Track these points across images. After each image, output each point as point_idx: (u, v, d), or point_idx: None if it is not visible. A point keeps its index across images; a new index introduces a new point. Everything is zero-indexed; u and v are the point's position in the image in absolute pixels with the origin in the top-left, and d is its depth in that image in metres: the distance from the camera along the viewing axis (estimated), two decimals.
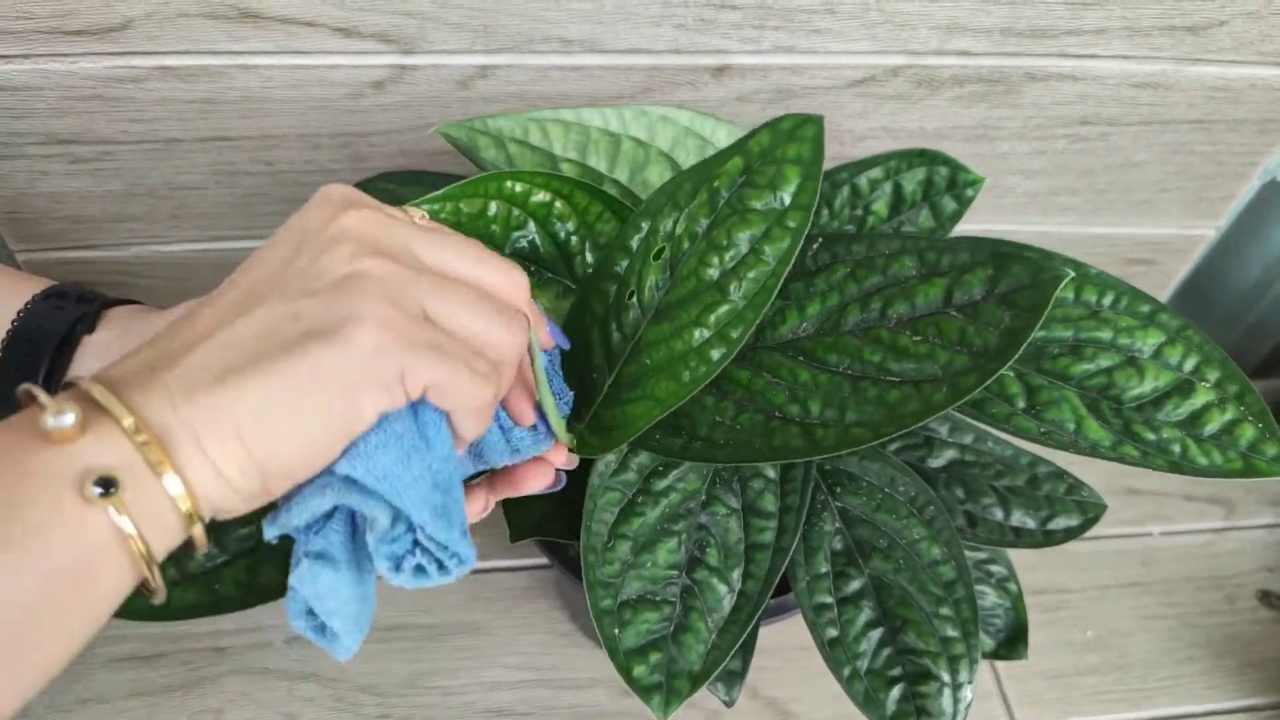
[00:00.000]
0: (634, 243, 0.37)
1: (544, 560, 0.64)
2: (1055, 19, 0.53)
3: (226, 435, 0.24)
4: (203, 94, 0.51)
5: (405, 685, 0.59)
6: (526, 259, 0.43)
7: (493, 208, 0.39)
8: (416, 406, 0.27)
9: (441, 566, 0.28)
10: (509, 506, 0.50)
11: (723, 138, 0.45)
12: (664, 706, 0.36)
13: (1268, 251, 0.75)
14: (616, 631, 0.37)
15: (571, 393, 0.36)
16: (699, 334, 0.34)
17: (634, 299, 0.36)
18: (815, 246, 0.36)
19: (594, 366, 0.36)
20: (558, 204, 0.40)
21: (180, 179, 0.56)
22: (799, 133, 0.35)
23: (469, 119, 0.44)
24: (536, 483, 0.35)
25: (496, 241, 0.42)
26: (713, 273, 0.34)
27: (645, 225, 0.37)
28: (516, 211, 0.40)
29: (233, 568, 0.35)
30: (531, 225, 0.40)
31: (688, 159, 0.45)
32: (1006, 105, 0.57)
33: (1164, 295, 0.72)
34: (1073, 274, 0.32)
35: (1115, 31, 0.54)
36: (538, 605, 0.63)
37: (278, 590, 0.34)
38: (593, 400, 0.36)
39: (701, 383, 0.33)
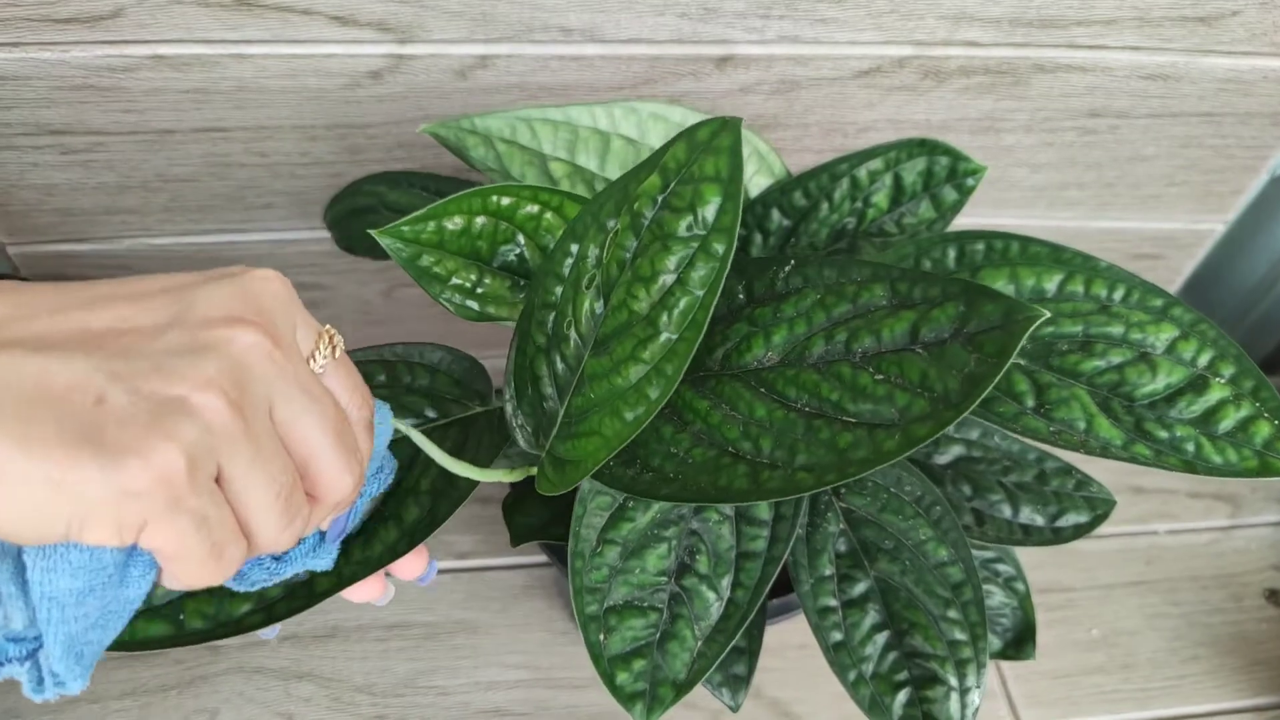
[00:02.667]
0: (565, 268, 0.35)
1: (543, 559, 0.63)
2: (1065, 9, 0.52)
3: None
4: (196, 83, 0.50)
5: (402, 685, 0.58)
6: (515, 273, 0.41)
7: (479, 223, 0.38)
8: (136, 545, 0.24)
9: (39, 683, 0.25)
10: (510, 511, 0.49)
11: None
12: (646, 714, 0.35)
13: (1273, 248, 0.75)
14: (601, 638, 0.36)
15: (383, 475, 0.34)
16: (636, 370, 0.32)
17: (571, 330, 0.34)
18: (788, 268, 0.35)
19: (545, 397, 0.35)
20: (547, 216, 0.38)
21: (173, 170, 0.55)
22: (715, 143, 0.33)
23: (456, 118, 0.43)
24: (363, 594, 0.35)
25: (483, 257, 0.40)
26: (642, 305, 0.32)
27: (574, 249, 0.35)
28: (504, 225, 0.38)
29: (196, 599, 0.33)
30: (520, 238, 0.39)
31: None
32: (1014, 97, 0.57)
33: (1170, 291, 0.71)
34: (1047, 315, 0.30)
35: (1125, 22, 0.53)
36: (536, 604, 0.62)
37: (246, 622, 0.33)
38: (549, 431, 0.35)
39: (644, 422, 0.32)
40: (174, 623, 0.33)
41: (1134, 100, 0.58)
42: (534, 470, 0.36)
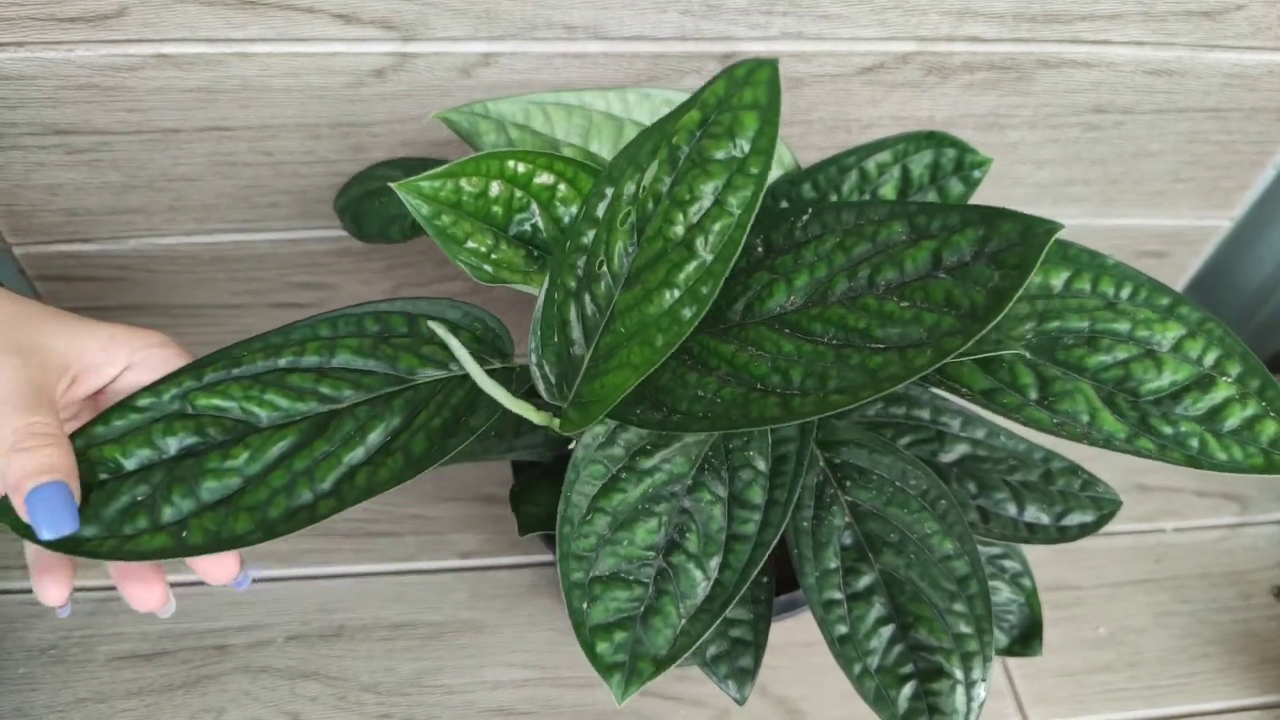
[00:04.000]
0: (599, 211, 0.36)
1: (548, 557, 0.63)
2: (1069, 3, 0.52)
3: None
4: (200, 82, 0.51)
5: (408, 684, 0.58)
6: (529, 243, 0.41)
7: (495, 188, 0.38)
8: None
9: None
10: (517, 500, 0.49)
11: None
12: (623, 686, 0.35)
13: (1279, 247, 0.74)
14: (585, 606, 0.36)
15: None
16: (669, 295, 0.33)
17: (604, 268, 0.35)
18: (805, 217, 0.35)
19: (571, 342, 0.36)
20: (561, 187, 0.39)
21: (178, 170, 0.55)
22: (753, 77, 0.34)
23: (469, 104, 0.43)
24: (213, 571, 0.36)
25: (498, 223, 0.40)
26: (679, 230, 0.34)
27: (609, 191, 0.36)
28: (519, 193, 0.39)
29: (202, 517, 0.34)
30: (534, 208, 0.39)
31: None
32: (1018, 93, 0.56)
33: (1176, 288, 0.71)
34: (1064, 226, 0.31)
35: (1130, 16, 0.53)
36: (542, 602, 0.62)
37: (246, 539, 0.34)
38: (573, 380, 0.35)
39: (675, 344, 0.32)
40: (176, 538, 0.34)
41: (1139, 96, 0.57)
42: (555, 421, 0.36)
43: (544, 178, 0.39)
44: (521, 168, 0.38)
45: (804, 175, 0.46)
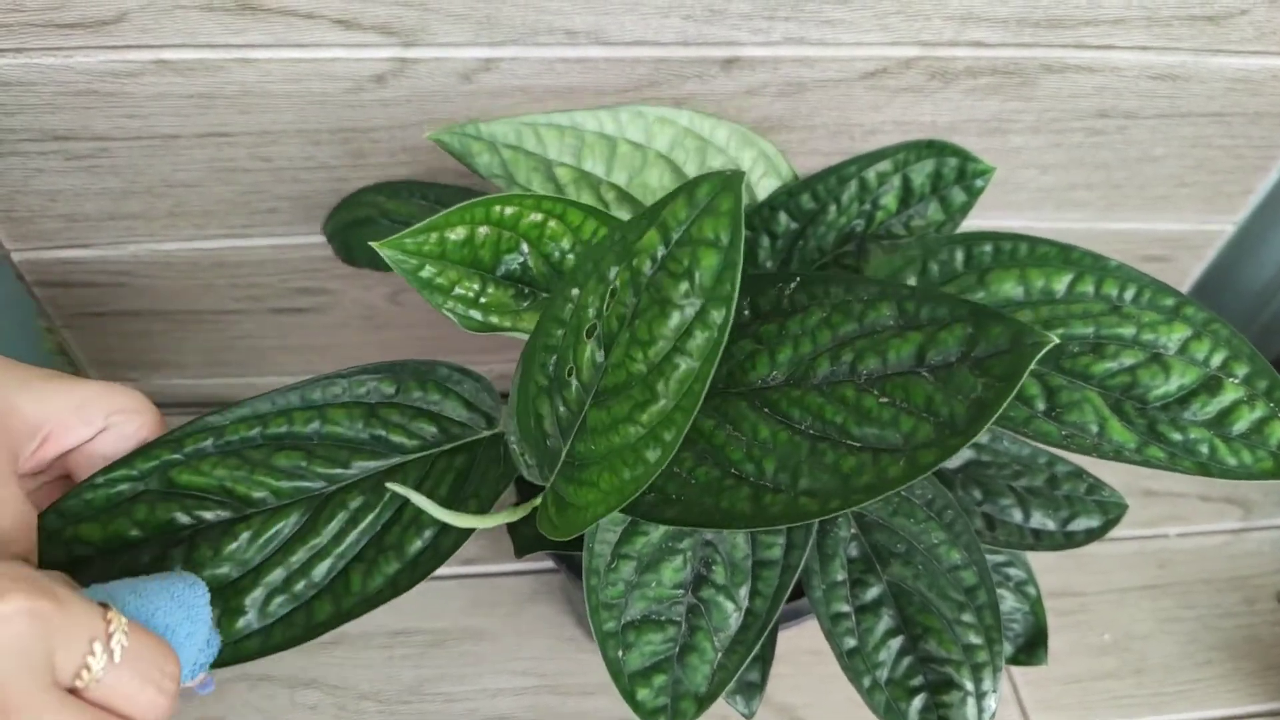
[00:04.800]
0: (566, 314, 0.34)
1: (549, 564, 0.63)
2: (1072, 8, 0.52)
3: None
4: (200, 88, 0.50)
5: (409, 692, 0.58)
6: (519, 281, 0.41)
7: (481, 232, 0.37)
8: None
9: None
10: (512, 524, 0.49)
11: (722, 137, 0.44)
12: None
13: None
14: (620, 654, 0.36)
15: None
16: (634, 430, 0.32)
17: (573, 376, 0.34)
18: (793, 285, 0.34)
19: (547, 434, 0.34)
20: (551, 224, 0.38)
21: (178, 176, 0.55)
22: (715, 205, 0.31)
23: (461, 125, 0.43)
24: None
25: (485, 266, 0.39)
26: (640, 368, 0.32)
27: (574, 295, 0.34)
28: (507, 234, 0.38)
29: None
30: (524, 247, 0.38)
31: (687, 160, 0.44)
32: (1021, 98, 0.56)
33: None
34: (1056, 340, 0.29)
35: (1134, 21, 0.53)
36: (542, 610, 0.62)
37: (242, 649, 0.34)
38: (553, 466, 0.34)
39: (643, 483, 0.31)
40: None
41: (1142, 100, 0.57)
42: (536, 504, 0.35)
43: (533, 216, 0.38)
44: (509, 210, 0.37)
45: (802, 186, 0.45)
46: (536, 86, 0.52)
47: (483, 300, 0.39)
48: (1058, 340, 0.30)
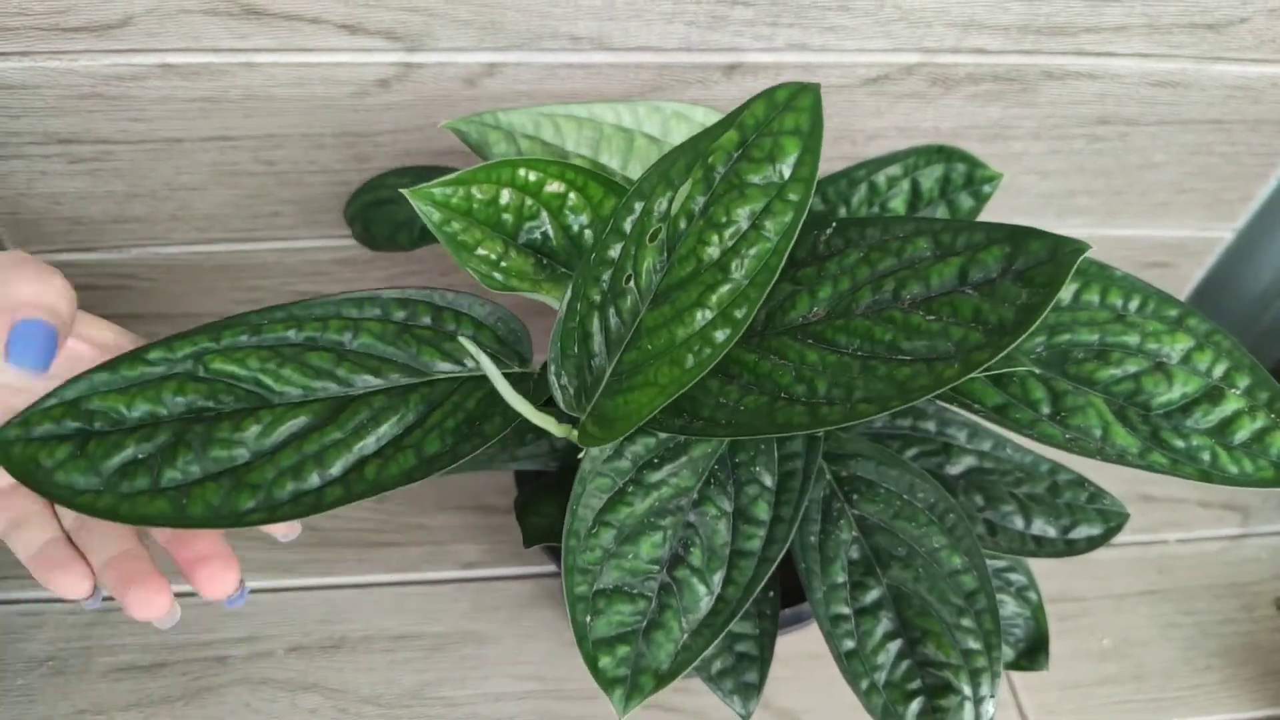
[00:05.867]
0: (627, 225, 0.35)
1: (550, 568, 0.63)
2: (1074, 15, 0.52)
3: None
4: (204, 92, 0.50)
5: (409, 696, 0.58)
6: (539, 251, 0.41)
7: (505, 196, 0.38)
8: None
9: None
10: (522, 511, 0.49)
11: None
12: (624, 701, 0.35)
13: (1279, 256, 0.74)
14: (588, 619, 0.36)
15: None
16: (701, 315, 0.33)
17: (631, 284, 0.35)
18: (829, 231, 0.35)
19: (593, 355, 0.35)
20: (572, 195, 0.39)
21: (181, 179, 0.55)
22: (795, 102, 0.34)
23: (479, 114, 0.43)
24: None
25: (508, 231, 0.40)
26: (713, 251, 0.33)
27: (638, 206, 0.35)
28: (530, 201, 0.39)
29: (205, 487, 0.33)
30: (545, 216, 0.39)
31: None
32: (1023, 104, 0.56)
33: (1180, 299, 0.70)
34: (1091, 246, 0.30)
35: (1135, 29, 0.53)
36: (544, 614, 0.62)
37: (248, 517, 0.33)
38: (592, 393, 0.35)
39: (707, 366, 0.32)
40: (176, 505, 0.33)
41: (1143, 107, 0.57)
42: (573, 433, 0.36)
43: (554, 186, 0.38)
44: (533, 176, 0.38)
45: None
46: (540, 91, 0.52)
47: (504, 264, 0.39)
48: (1092, 246, 0.31)
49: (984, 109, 0.56)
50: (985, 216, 0.63)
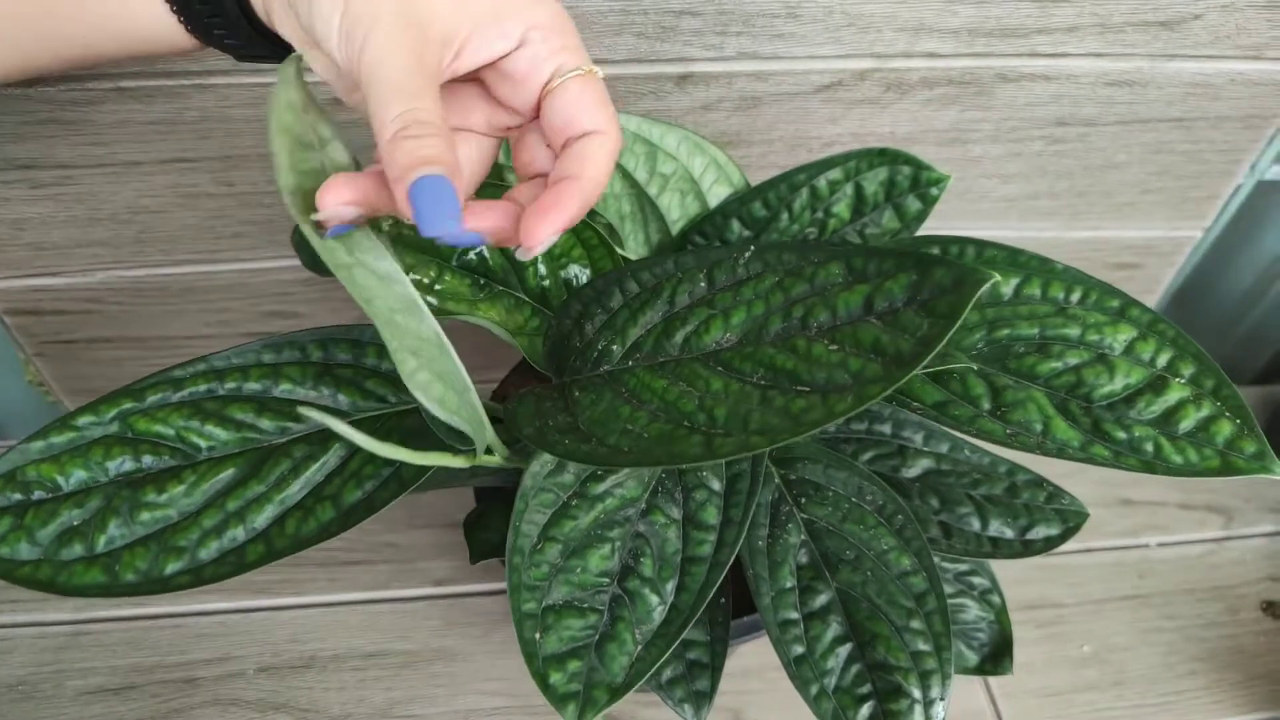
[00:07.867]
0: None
1: None
2: (1024, 17, 0.52)
3: None
4: (160, 115, 0.51)
5: (380, 714, 0.57)
6: (475, 272, 0.42)
7: None
8: None
9: None
10: (470, 528, 0.49)
11: (672, 143, 0.44)
12: (578, 716, 0.35)
13: (1260, 256, 0.74)
14: (537, 636, 0.36)
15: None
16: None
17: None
18: (748, 255, 0.35)
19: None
20: None
21: (142, 202, 0.55)
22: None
23: None
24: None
25: (442, 254, 0.41)
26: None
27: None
28: None
29: (134, 552, 0.34)
30: None
31: (636, 165, 0.44)
32: (979, 107, 0.56)
33: (1152, 300, 0.70)
34: (997, 278, 0.30)
35: (1087, 29, 0.53)
36: (514, 630, 0.61)
37: (174, 581, 0.33)
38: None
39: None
40: (109, 572, 0.34)
41: (1101, 107, 0.57)
42: (477, 459, 0.35)
43: None
44: None
45: (754, 193, 0.45)
46: None
47: (438, 288, 0.39)
48: (997, 277, 0.30)
49: (940, 113, 0.56)
50: (948, 222, 0.63)
